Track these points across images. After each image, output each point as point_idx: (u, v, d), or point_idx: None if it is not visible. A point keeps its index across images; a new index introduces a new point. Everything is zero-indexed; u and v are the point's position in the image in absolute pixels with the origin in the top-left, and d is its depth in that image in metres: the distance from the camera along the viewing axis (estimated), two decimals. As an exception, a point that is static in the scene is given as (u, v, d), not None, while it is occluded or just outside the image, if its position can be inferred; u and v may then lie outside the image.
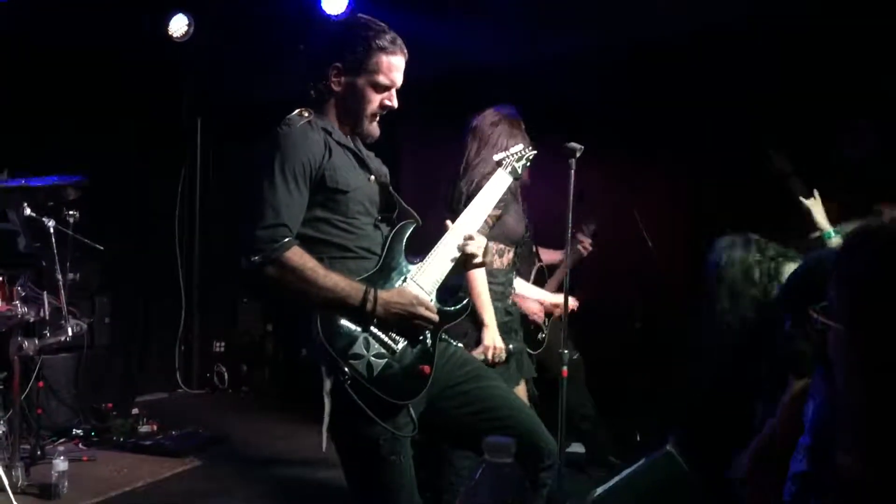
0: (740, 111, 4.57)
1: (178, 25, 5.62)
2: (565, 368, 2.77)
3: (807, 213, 3.08)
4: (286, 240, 2.08)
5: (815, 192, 3.09)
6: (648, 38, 4.76)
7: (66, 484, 3.76)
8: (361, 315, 2.10)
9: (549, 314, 4.02)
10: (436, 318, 2.19)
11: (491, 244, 3.15)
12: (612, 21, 4.73)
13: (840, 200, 3.00)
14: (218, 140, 6.58)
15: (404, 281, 2.23)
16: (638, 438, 4.50)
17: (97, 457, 4.40)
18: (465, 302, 2.34)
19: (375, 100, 2.28)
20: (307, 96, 2.32)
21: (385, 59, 2.25)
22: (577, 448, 4.43)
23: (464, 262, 2.34)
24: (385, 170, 2.43)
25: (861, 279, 1.33)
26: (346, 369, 2.05)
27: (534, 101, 4.69)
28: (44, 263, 4.36)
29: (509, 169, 2.56)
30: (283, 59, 5.69)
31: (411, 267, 2.27)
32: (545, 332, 4.02)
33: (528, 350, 3.90)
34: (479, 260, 2.35)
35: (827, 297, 1.55)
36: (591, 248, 4.33)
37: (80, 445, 4.60)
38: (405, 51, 2.30)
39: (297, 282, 2.08)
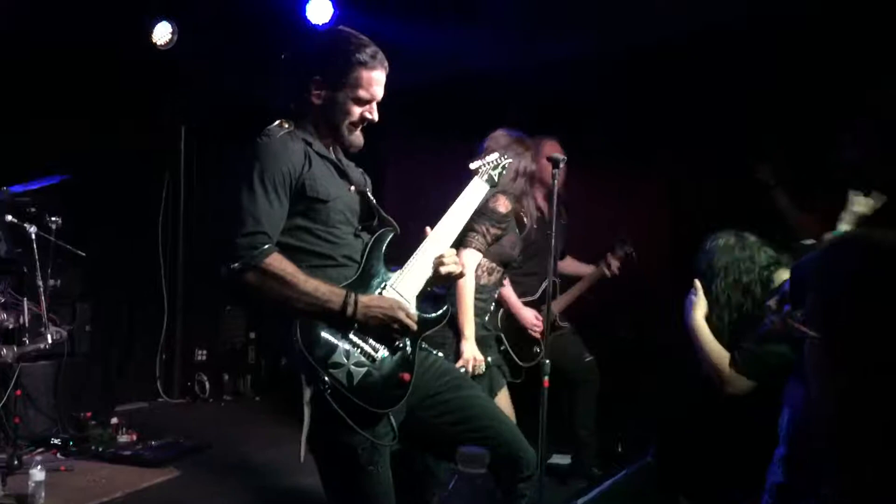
0: (737, 113, 4.60)
1: (162, 33, 5.60)
2: (546, 378, 2.77)
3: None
4: (266, 246, 2.09)
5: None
6: (644, 41, 4.78)
7: (43, 494, 3.71)
8: (342, 320, 2.11)
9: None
10: (414, 325, 2.19)
11: (484, 261, 3.19)
12: (606, 25, 4.76)
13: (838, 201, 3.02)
14: (202, 146, 6.56)
15: (384, 288, 2.24)
16: (620, 450, 4.51)
17: (75, 466, 4.34)
18: (444, 309, 2.35)
19: (355, 113, 2.30)
20: (287, 107, 2.33)
21: (365, 74, 2.27)
22: (559, 459, 4.43)
23: (438, 278, 2.35)
24: (365, 180, 2.45)
25: (834, 288, 1.35)
26: (326, 378, 2.05)
27: (518, 111, 4.73)
28: (25, 270, 4.33)
29: (486, 177, 2.59)
30: (267, 67, 5.69)
31: (391, 274, 2.28)
32: (541, 346, 4.02)
33: (520, 362, 3.91)
34: (455, 274, 2.35)
35: (804, 305, 1.57)
36: (616, 272, 4.30)
37: (58, 455, 4.53)
38: (386, 64, 2.32)
39: (277, 287, 2.09)
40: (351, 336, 2.13)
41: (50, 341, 4.17)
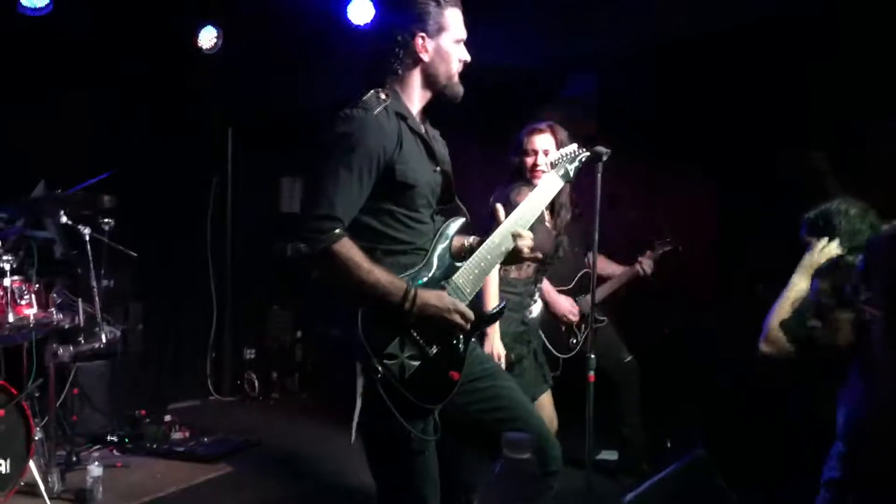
0: (768, 112, 4.53)
1: (207, 37, 5.70)
2: (591, 374, 2.75)
3: None
4: (335, 231, 2.06)
5: None
6: (674, 38, 4.73)
7: (101, 489, 3.82)
8: (399, 313, 2.10)
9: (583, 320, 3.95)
10: (468, 326, 2.18)
11: None
12: (637, 22, 4.71)
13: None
14: (248, 148, 6.65)
15: (447, 280, 2.23)
16: (668, 445, 4.46)
17: (131, 463, 4.46)
18: (501, 306, 2.36)
19: (459, 55, 2.31)
20: (387, 75, 2.28)
21: (455, 13, 2.30)
22: (608, 455, 4.40)
23: (514, 257, 2.33)
24: (447, 156, 2.40)
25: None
26: (380, 368, 2.06)
27: (555, 103, 4.70)
28: (79, 271, 4.44)
29: (562, 171, 2.52)
30: (311, 69, 5.75)
31: (456, 265, 2.26)
32: (578, 337, 3.98)
33: (557, 353, 3.88)
34: (529, 256, 2.33)
35: (870, 288, 1.55)
36: (649, 272, 4.20)
37: (114, 452, 4.64)
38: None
39: (340, 274, 2.08)
40: (410, 329, 2.13)
41: (104, 341, 4.26)
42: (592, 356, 2.82)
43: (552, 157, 2.56)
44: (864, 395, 1.70)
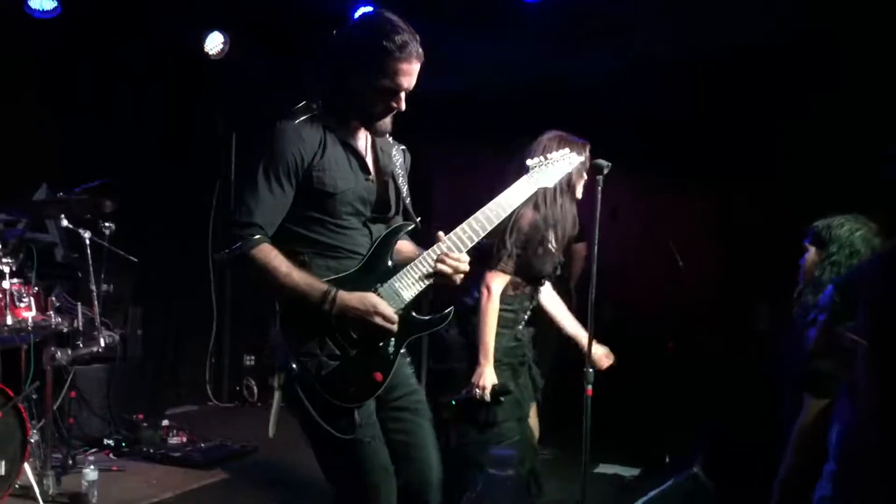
0: (771, 129, 4.54)
1: (214, 43, 5.72)
2: (590, 388, 2.72)
3: None
4: (255, 237, 2.12)
5: None
6: (678, 57, 4.74)
7: (96, 493, 3.80)
8: (319, 315, 2.12)
9: None
10: (393, 328, 2.16)
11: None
12: (644, 40, 4.72)
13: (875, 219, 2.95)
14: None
15: (381, 285, 2.20)
16: (667, 461, 4.44)
17: (127, 467, 4.44)
18: (444, 312, 2.28)
19: (380, 102, 2.22)
20: (322, 88, 2.29)
21: (394, 65, 2.16)
22: (605, 469, 4.40)
23: (438, 278, 2.24)
24: (397, 163, 2.36)
25: (881, 297, 1.33)
26: (295, 365, 2.10)
27: (564, 117, 4.70)
28: (79, 274, 4.44)
29: (533, 178, 2.42)
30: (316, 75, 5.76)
31: (394, 271, 2.23)
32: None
33: None
34: (454, 279, 2.24)
35: (856, 315, 1.55)
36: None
37: (111, 456, 4.64)
38: (419, 53, 2.19)
39: (260, 278, 2.13)
40: (330, 329, 2.14)
41: (103, 344, 4.26)
42: (591, 370, 2.79)
43: (532, 162, 2.45)
44: (852, 414, 1.69)
